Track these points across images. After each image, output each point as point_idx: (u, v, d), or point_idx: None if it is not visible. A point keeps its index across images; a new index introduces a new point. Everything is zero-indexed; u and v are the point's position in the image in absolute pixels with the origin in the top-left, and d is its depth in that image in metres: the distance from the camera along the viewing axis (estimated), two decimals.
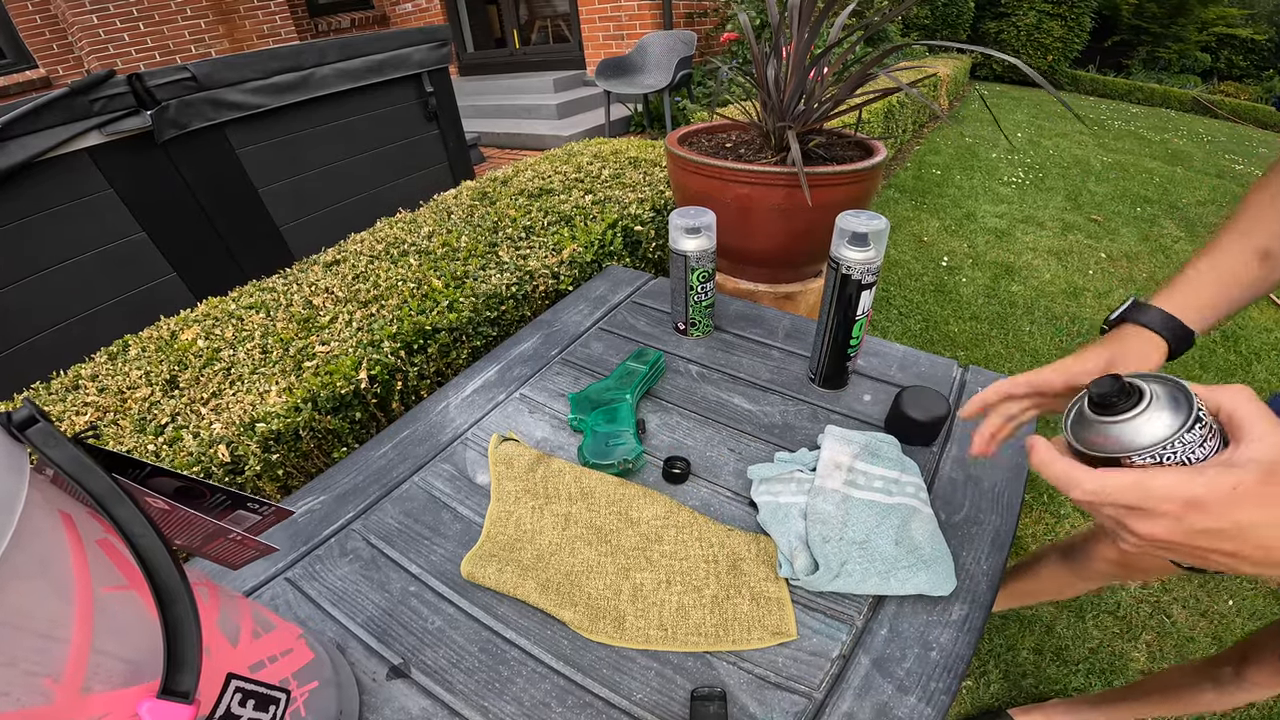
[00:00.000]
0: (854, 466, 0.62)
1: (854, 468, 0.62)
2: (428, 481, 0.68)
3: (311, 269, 1.22)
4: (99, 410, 0.86)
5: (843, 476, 0.61)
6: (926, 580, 0.53)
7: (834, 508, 0.58)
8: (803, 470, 0.64)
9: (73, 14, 3.99)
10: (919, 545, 0.55)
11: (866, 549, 0.55)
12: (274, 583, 0.57)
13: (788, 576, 0.55)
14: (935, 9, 6.78)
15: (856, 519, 0.57)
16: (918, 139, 4.68)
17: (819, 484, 0.60)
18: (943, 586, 0.53)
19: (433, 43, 2.39)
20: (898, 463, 0.63)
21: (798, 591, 0.54)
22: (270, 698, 0.34)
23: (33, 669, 0.22)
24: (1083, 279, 2.72)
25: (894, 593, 0.53)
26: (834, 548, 0.55)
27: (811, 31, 0.99)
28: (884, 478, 0.61)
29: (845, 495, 0.59)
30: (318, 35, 5.44)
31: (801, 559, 0.55)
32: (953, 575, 0.53)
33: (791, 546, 0.56)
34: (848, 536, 0.56)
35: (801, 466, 0.64)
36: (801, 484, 0.62)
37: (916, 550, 0.55)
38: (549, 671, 0.50)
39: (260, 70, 1.91)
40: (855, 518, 0.57)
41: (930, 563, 0.54)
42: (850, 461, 0.62)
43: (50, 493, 0.26)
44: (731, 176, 1.06)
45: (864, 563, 0.54)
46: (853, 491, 0.60)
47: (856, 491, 0.60)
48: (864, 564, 0.54)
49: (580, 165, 1.64)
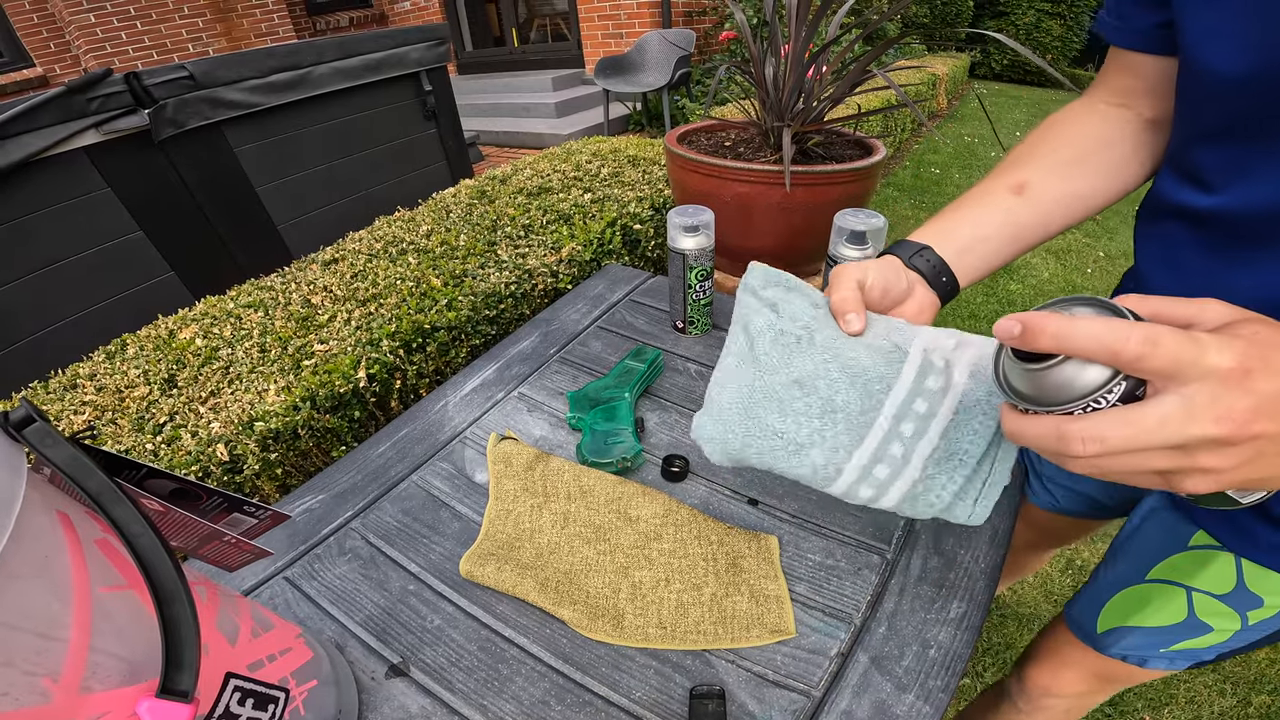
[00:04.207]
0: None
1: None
2: (426, 480, 0.68)
3: (310, 268, 1.21)
4: (97, 409, 0.86)
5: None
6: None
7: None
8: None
9: (70, 13, 3.97)
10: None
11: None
12: (273, 582, 0.57)
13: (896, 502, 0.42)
14: (934, 8, 6.78)
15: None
16: (916, 137, 4.68)
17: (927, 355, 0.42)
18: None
19: (431, 41, 2.39)
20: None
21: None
22: (269, 697, 0.34)
23: (31, 669, 0.22)
24: (1081, 278, 2.72)
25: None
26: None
27: (809, 30, 0.99)
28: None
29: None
30: (316, 34, 5.43)
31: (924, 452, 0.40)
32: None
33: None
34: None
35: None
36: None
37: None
38: (548, 670, 0.50)
39: (258, 69, 1.91)
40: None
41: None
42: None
43: (48, 492, 0.26)
44: (730, 175, 1.06)
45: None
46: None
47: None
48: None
49: (579, 164, 1.64)
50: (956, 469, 0.40)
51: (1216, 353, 0.25)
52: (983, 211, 0.50)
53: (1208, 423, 0.25)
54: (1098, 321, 0.26)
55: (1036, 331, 0.27)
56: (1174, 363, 0.25)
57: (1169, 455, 0.27)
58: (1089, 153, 0.51)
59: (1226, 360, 0.25)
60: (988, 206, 0.50)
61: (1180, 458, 0.27)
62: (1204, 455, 0.26)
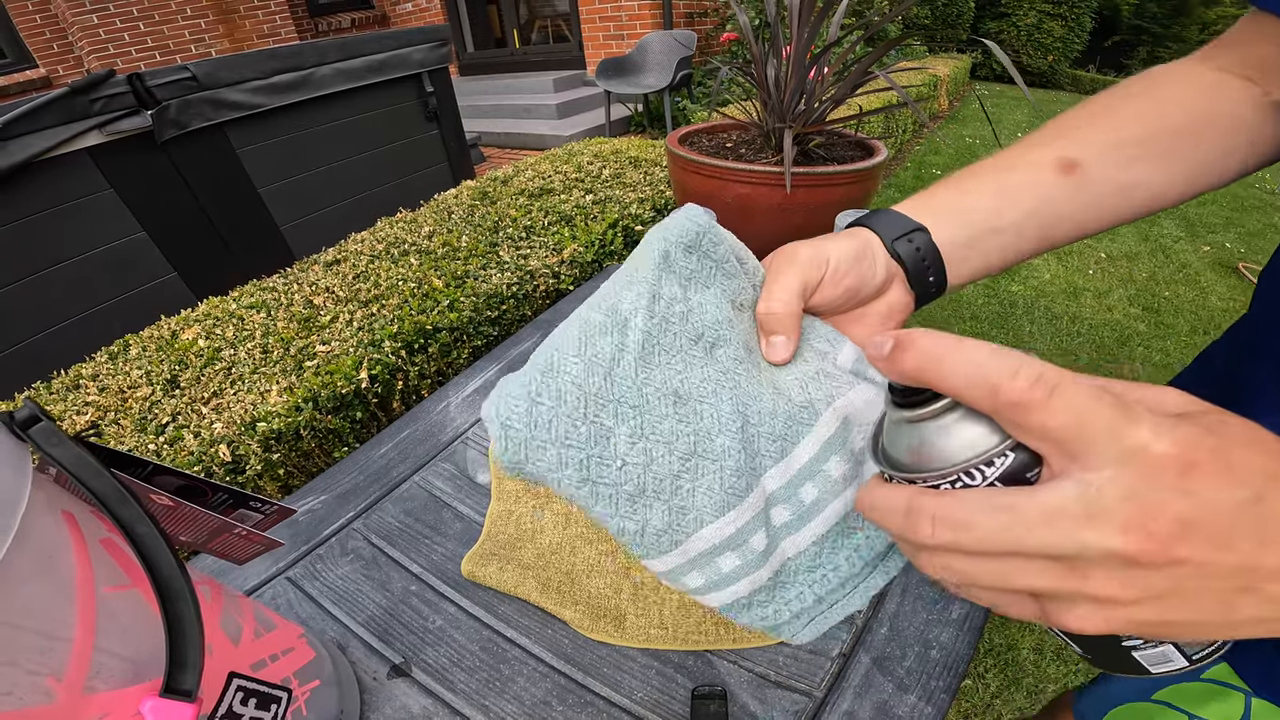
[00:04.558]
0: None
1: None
2: (428, 481, 0.68)
3: (312, 268, 1.22)
4: (100, 410, 0.87)
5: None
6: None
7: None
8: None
9: (73, 14, 3.99)
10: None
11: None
12: (275, 582, 0.57)
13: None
14: (935, 9, 6.78)
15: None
16: (918, 138, 4.68)
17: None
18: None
19: (433, 42, 2.39)
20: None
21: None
22: (272, 697, 0.34)
23: (35, 668, 0.22)
24: (1083, 279, 2.72)
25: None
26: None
27: (811, 31, 0.99)
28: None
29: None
30: (318, 35, 5.45)
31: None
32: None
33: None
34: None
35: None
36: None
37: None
38: (550, 670, 0.50)
39: (260, 70, 1.91)
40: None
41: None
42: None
43: (53, 492, 0.26)
44: (732, 176, 1.06)
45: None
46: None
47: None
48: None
49: (580, 165, 1.64)
50: (812, 585, 0.32)
51: (1151, 430, 0.18)
52: (1011, 192, 0.37)
53: (1112, 529, 0.17)
54: (984, 346, 0.19)
55: (904, 346, 0.20)
56: (1077, 425, 0.18)
57: (1049, 569, 0.19)
58: (1182, 130, 0.37)
59: (1162, 443, 0.17)
60: (1019, 186, 0.37)
61: (1065, 575, 0.19)
62: (1099, 577, 0.18)
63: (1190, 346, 2.24)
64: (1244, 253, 3.03)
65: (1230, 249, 3.08)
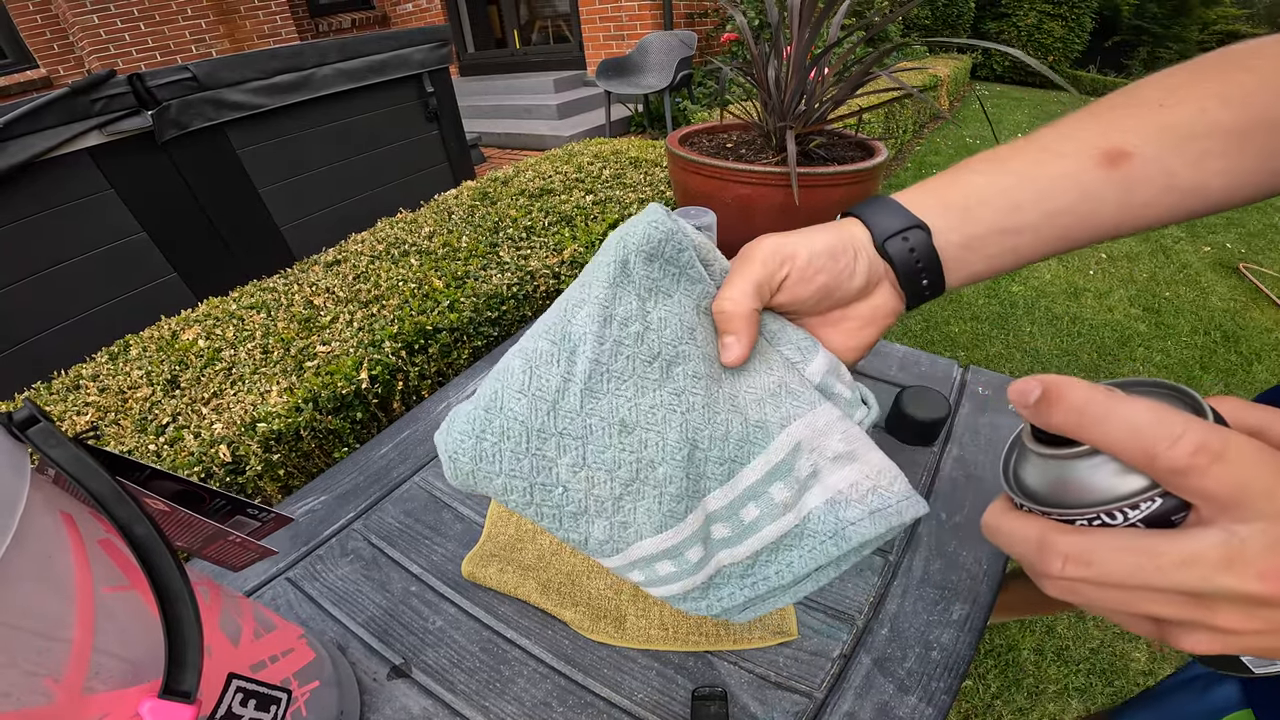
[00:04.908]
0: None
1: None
2: (429, 481, 0.68)
3: (312, 269, 1.22)
4: (100, 410, 0.87)
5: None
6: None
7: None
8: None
9: (73, 14, 3.99)
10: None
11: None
12: (275, 583, 0.57)
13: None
14: (935, 9, 6.79)
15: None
16: (918, 139, 4.68)
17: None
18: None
19: (433, 43, 2.40)
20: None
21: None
22: (271, 698, 0.34)
23: (33, 669, 0.22)
24: (1083, 279, 2.72)
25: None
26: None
27: (811, 32, 0.99)
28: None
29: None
30: (318, 35, 5.45)
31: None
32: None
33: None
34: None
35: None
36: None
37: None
38: (550, 671, 0.50)
39: (261, 70, 1.91)
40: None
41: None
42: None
43: (51, 493, 0.26)
44: (732, 177, 1.06)
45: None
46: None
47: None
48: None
49: (581, 165, 1.64)
50: (743, 589, 0.33)
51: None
52: (1037, 185, 0.31)
53: (1250, 576, 0.18)
54: (1143, 406, 0.18)
55: (1054, 399, 0.20)
56: (1239, 488, 0.18)
57: (1178, 602, 0.19)
58: (1261, 117, 0.28)
59: None
60: (1050, 179, 0.30)
61: (1192, 608, 0.19)
62: (1226, 612, 0.19)
63: (1191, 347, 2.24)
64: (1245, 253, 3.02)
65: (1231, 249, 3.07)
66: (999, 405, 0.72)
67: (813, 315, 0.34)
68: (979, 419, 0.70)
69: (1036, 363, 2.14)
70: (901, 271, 0.32)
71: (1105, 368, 2.12)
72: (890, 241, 0.32)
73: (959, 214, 0.32)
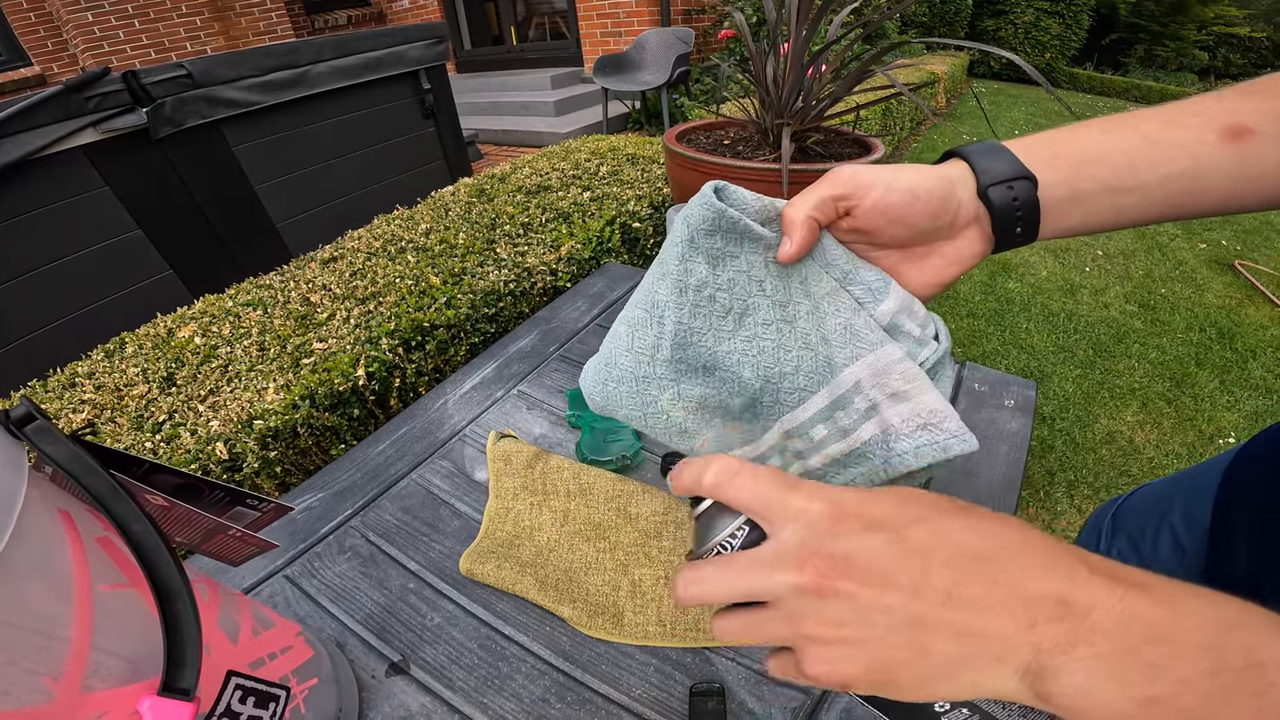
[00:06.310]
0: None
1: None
2: (426, 478, 0.68)
3: (309, 266, 1.21)
4: (96, 408, 0.86)
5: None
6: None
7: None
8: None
9: (67, 11, 3.96)
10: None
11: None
12: (273, 580, 0.57)
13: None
14: (933, 6, 6.78)
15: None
16: (915, 136, 4.68)
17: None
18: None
19: (430, 40, 2.39)
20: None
21: None
22: (270, 695, 0.34)
23: (33, 667, 0.22)
24: (1079, 276, 2.72)
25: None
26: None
27: (809, 29, 0.99)
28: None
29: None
30: (314, 32, 5.42)
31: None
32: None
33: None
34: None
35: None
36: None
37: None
38: (548, 668, 0.50)
39: (256, 67, 1.90)
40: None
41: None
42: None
43: (49, 490, 0.26)
44: (729, 173, 1.06)
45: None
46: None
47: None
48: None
49: (578, 162, 1.64)
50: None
51: (807, 497, 0.24)
52: (1156, 149, 0.31)
53: (790, 567, 0.22)
54: (710, 464, 0.27)
55: (675, 475, 0.28)
56: (754, 496, 0.25)
57: (775, 618, 0.24)
58: None
59: (818, 504, 0.23)
60: (1169, 145, 0.31)
61: (785, 623, 0.23)
62: (803, 619, 0.22)
63: (1186, 344, 2.25)
64: (1240, 250, 3.04)
65: (1226, 246, 3.09)
66: (995, 402, 0.72)
67: (894, 248, 0.35)
68: (975, 415, 0.70)
69: (1033, 359, 2.15)
70: (999, 218, 0.33)
71: (1101, 364, 2.13)
72: (995, 189, 0.32)
73: (1070, 168, 0.32)
